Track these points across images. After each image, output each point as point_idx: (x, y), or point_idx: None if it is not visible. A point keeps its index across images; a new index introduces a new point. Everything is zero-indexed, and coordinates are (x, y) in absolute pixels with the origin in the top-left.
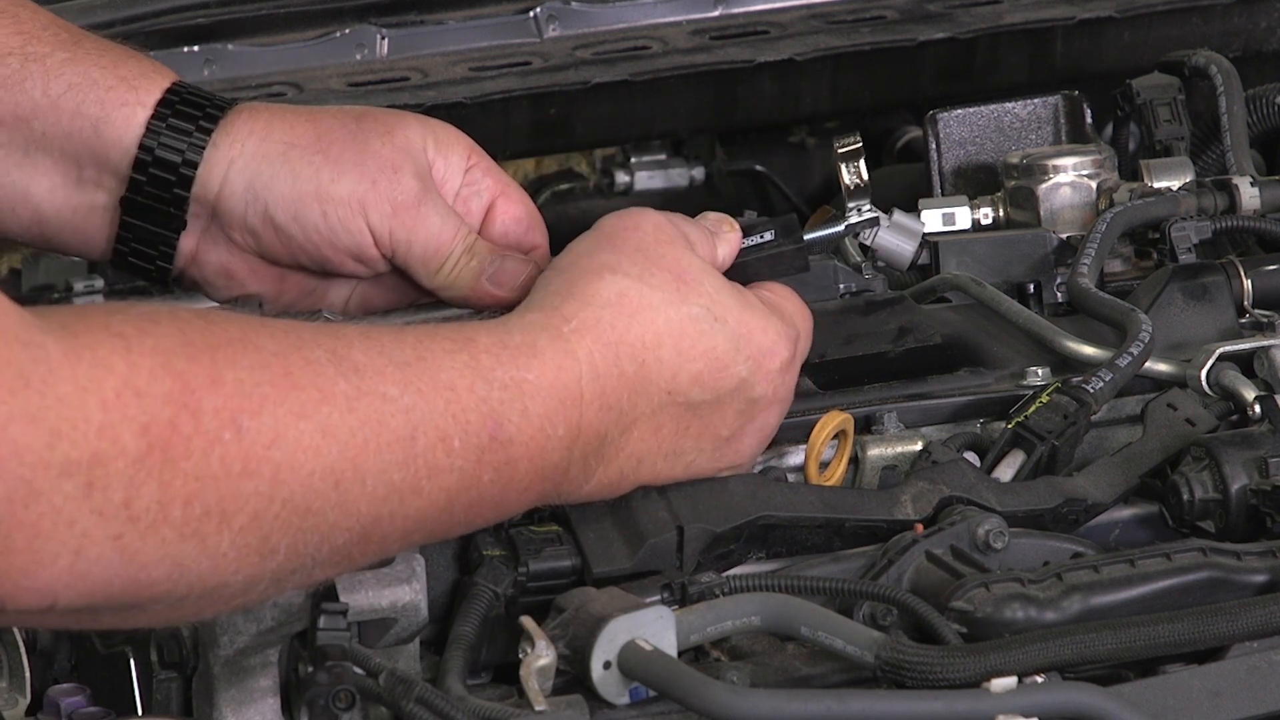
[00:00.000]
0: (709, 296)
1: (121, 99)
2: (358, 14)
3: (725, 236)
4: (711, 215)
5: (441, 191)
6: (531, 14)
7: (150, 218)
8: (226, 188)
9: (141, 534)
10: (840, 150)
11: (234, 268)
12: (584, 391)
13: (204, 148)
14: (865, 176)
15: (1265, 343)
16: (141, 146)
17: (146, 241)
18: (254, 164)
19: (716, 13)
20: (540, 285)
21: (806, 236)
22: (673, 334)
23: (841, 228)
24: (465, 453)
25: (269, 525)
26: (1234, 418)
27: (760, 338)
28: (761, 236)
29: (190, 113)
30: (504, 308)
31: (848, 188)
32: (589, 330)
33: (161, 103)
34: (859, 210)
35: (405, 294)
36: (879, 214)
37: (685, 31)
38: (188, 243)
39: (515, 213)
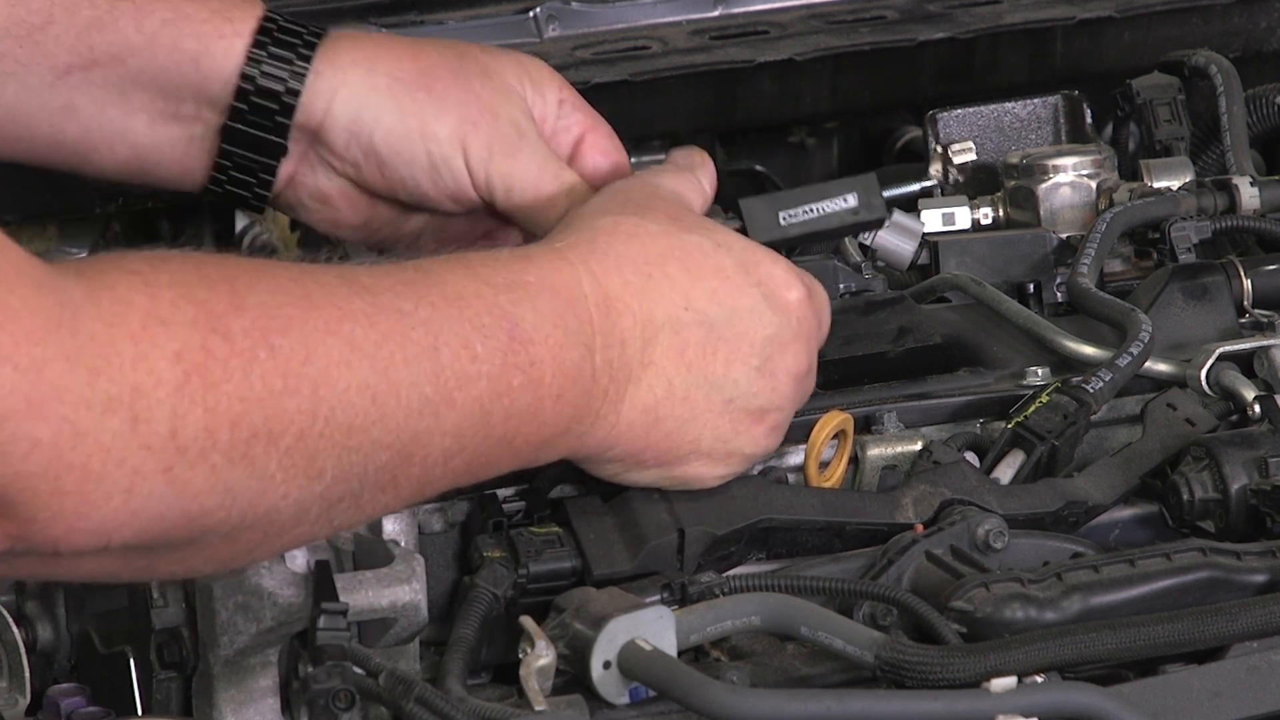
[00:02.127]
0: (708, 230)
1: (218, 31)
2: (357, 14)
3: (702, 169)
4: (679, 152)
5: (538, 128)
6: (531, 14)
7: (251, 145)
8: (330, 118)
9: (191, 463)
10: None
11: (329, 192)
12: (586, 292)
13: (305, 75)
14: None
15: (1265, 343)
16: (243, 76)
17: (245, 169)
18: (360, 95)
19: (716, 13)
20: None
21: (886, 194)
22: (676, 255)
23: (916, 187)
24: (489, 357)
25: (314, 444)
26: (1234, 418)
27: (769, 267)
28: (845, 200)
29: (289, 40)
30: None
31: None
32: (583, 245)
33: (259, 30)
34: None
35: (481, 225)
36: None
37: (685, 31)
38: (285, 167)
39: (603, 145)
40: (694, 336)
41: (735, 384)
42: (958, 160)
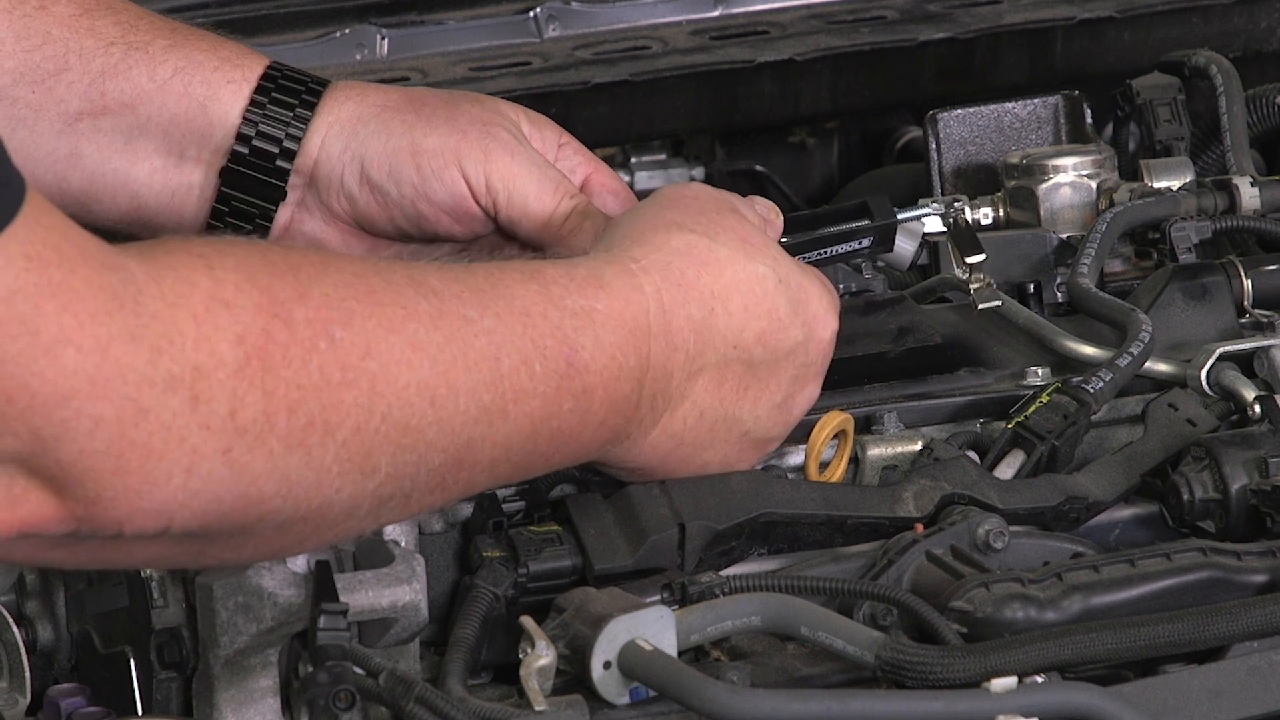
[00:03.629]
0: (773, 259)
1: (228, 77)
2: (358, 14)
3: (772, 224)
4: (761, 202)
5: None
6: (531, 14)
7: (250, 188)
8: (323, 152)
9: (249, 446)
10: None
11: (327, 238)
12: (651, 326)
13: (307, 122)
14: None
15: (1265, 343)
16: (245, 120)
17: (243, 215)
18: (350, 127)
19: (716, 13)
20: (606, 235)
21: (901, 215)
22: (740, 289)
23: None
24: (546, 378)
25: (370, 440)
26: (1234, 418)
27: (815, 304)
28: (860, 243)
29: (293, 87)
30: None
31: None
32: (657, 271)
33: (264, 77)
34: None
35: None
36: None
37: (685, 31)
38: (282, 215)
39: (611, 185)
40: (733, 373)
41: (756, 419)
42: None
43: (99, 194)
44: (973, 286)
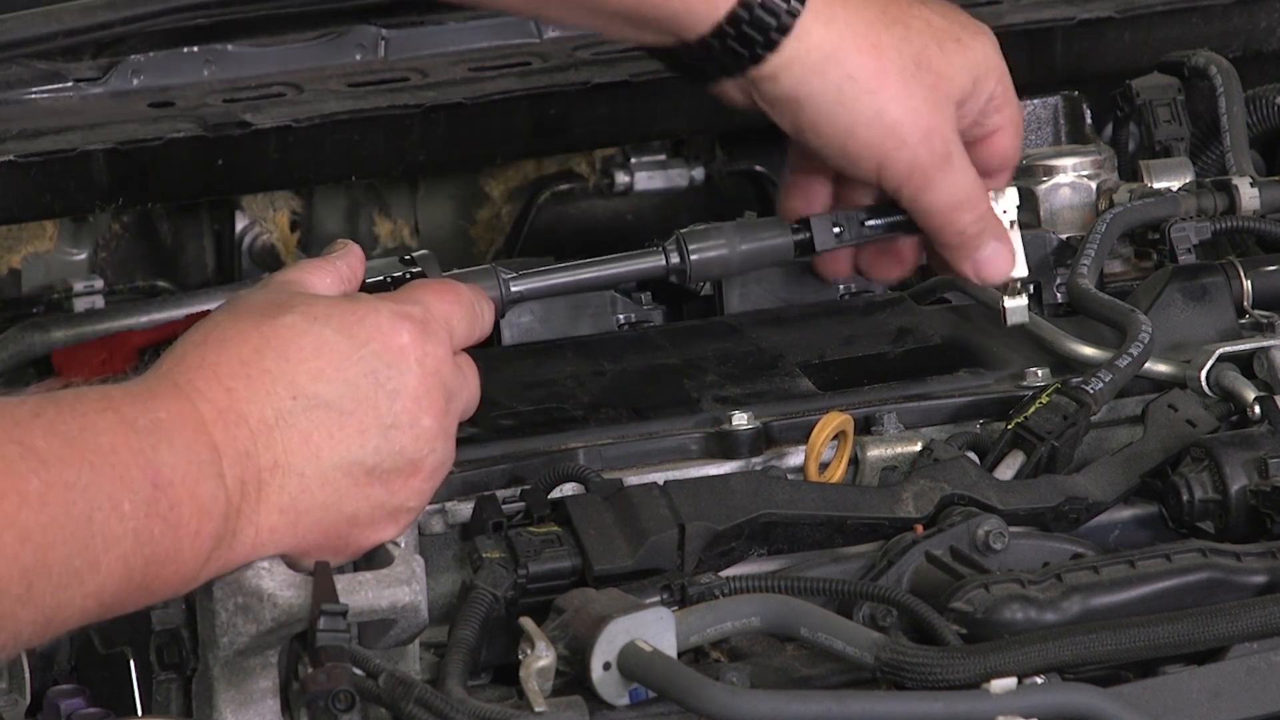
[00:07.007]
0: (305, 305)
1: None
2: (358, 14)
3: (344, 255)
4: (334, 244)
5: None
6: None
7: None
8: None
9: None
10: None
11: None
12: (204, 416)
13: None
14: None
15: (1265, 343)
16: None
17: (770, 10)
18: (810, 78)
19: None
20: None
21: None
22: (271, 345)
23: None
24: (135, 512)
25: None
26: (1234, 418)
27: (374, 320)
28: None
29: None
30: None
31: None
32: (180, 364)
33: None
34: None
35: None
36: None
37: None
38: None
39: (1004, 148)
40: (314, 422)
41: (375, 451)
42: None
43: None
44: (1006, 302)
